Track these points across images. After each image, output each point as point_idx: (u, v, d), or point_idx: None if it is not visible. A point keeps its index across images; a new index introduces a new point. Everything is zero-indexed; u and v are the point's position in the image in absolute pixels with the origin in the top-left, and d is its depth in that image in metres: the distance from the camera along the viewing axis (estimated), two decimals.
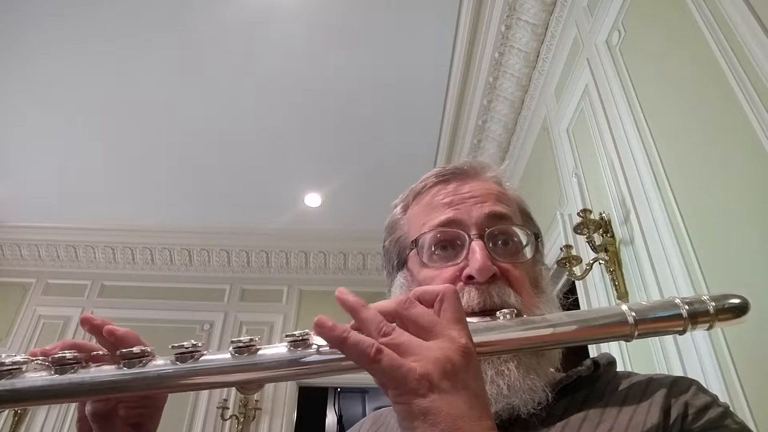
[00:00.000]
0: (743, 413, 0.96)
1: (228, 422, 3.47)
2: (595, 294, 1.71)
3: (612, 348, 1.53)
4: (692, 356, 1.15)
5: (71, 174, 3.48)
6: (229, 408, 3.49)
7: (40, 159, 3.34)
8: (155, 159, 3.35)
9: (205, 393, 3.56)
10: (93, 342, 0.46)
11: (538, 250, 0.61)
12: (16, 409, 3.27)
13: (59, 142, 3.21)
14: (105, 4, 2.36)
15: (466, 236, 0.57)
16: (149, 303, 3.96)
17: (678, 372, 1.18)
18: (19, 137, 3.16)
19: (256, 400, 3.56)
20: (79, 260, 4.15)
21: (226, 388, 3.56)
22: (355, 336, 0.37)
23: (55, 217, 3.96)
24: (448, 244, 0.58)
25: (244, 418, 3.49)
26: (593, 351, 1.68)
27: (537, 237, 0.61)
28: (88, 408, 0.45)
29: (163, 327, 3.73)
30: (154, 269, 4.15)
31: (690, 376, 1.13)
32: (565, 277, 1.90)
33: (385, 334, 0.38)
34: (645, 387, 0.52)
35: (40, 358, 0.42)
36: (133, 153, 3.30)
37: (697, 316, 0.47)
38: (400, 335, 0.38)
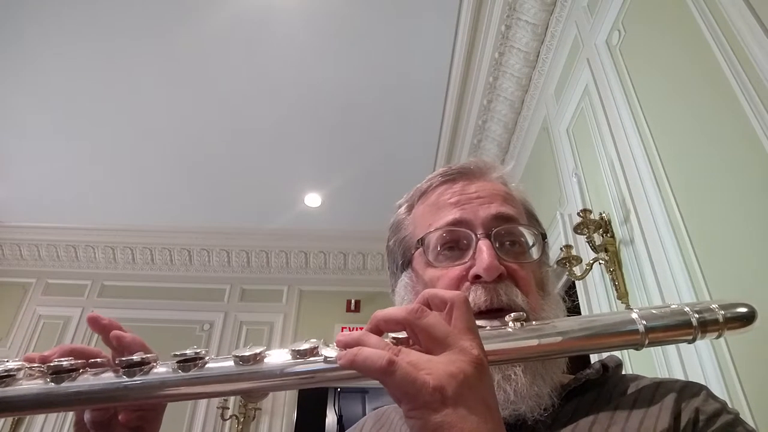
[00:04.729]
0: (744, 417, 0.96)
1: (228, 422, 3.47)
2: (595, 294, 1.70)
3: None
4: (693, 359, 1.15)
5: (71, 174, 3.48)
6: (229, 408, 3.49)
7: (40, 159, 3.34)
8: (155, 159, 3.35)
9: None
10: (94, 344, 0.46)
11: (544, 251, 0.60)
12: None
13: (59, 143, 3.20)
14: (104, 5, 2.36)
15: (473, 236, 0.56)
16: (149, 303, 3.96)
17: (680, 375, 1.18)
18: (19, 137, 3.16)
19: None
20: (79, 260, 4.15)
21: None
22: (365, 352, 0.37)
23: (55, 217, 3.96)
24: (455, 244, 0.58)
25: (244, 418, 3.49)
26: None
27: (544, 238, 0.60)
28: (87, 416, 0.44)
29: (163, 327, 3.73)
30: (154, 269, 4.15)
31: (692, 380, 1.13)
32: (565, 277, 1.90)
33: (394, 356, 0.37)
34: (654, 391, 0.51)
35: (37, 364, 0.41)
36: (133, 153, 3.30)
37: (707, 324, 0.46)
38: (408, 354, 0.37)
